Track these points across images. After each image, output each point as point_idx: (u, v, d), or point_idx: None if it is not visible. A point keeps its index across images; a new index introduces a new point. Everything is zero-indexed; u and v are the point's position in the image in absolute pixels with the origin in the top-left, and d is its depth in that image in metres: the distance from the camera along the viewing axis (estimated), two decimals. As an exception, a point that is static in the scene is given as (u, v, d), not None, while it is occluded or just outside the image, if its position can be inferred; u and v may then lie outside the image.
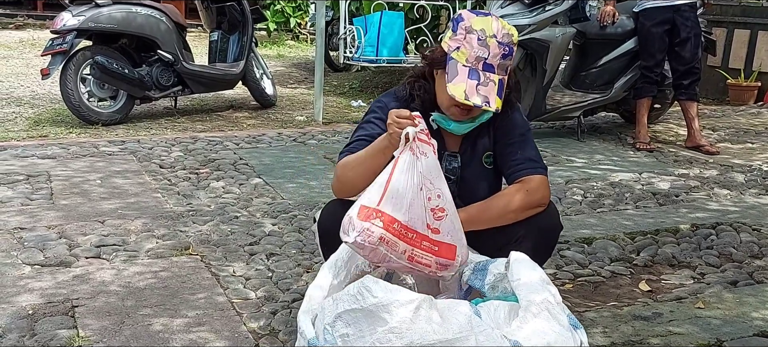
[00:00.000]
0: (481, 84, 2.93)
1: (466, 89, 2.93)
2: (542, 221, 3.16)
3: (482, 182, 3.29)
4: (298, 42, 16.66)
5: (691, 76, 7.38)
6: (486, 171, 3.29)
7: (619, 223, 5.03)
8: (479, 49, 2.95)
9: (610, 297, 3.89)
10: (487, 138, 3.28)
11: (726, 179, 6.27)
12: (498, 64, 2.97)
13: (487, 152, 3.29)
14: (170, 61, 8.08)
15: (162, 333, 3.31)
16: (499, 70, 2.98)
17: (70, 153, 6.49)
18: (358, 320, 2.50)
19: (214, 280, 3.91)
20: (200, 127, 8.05)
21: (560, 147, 7.32)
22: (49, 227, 4.63)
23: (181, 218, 4.87)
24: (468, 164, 3.27)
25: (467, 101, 2.92)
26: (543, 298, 2.64)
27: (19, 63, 12.29)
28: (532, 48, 7.17)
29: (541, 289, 2.67)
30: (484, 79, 2.94)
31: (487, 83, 2.94)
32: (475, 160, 3.28)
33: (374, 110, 3.25)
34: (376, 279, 2.56)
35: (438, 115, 3.16)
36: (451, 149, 3.27)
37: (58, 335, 3.25)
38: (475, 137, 3.27)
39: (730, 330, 3.47)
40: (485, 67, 2.95)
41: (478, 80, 2.94)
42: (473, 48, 2.95)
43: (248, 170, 6.14)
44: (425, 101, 3.17)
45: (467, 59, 2.96)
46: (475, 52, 2.95)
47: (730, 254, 4.54)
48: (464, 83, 2.93)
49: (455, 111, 3.07)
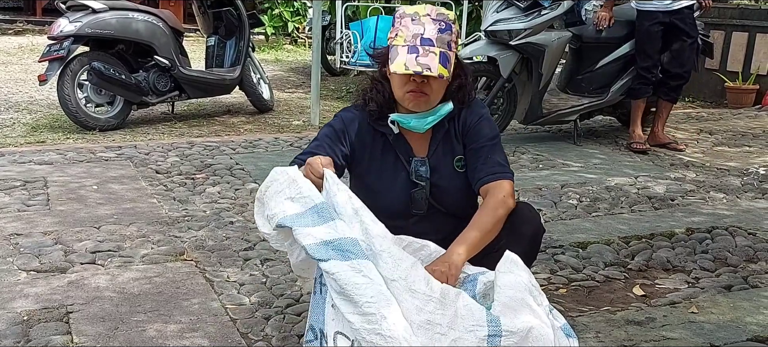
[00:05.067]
0: (421, 56, 2.97)
1: (405, 61, 2.96)
2: (526, 229, 3.14)
3: (456, 186, 3.26)
4: (296, 46, 16.66)
5: (680, 79, 7.42)
6: (459, 175, 3.25)
7: (614, 227, 5.04)
8: (414, 27, 3.02)
9: (604, 302, 3.89)
10: (456, 142, 3.25)
11: (722, 182, 6.27)
12: (436, 37, 3.01)
13: (458, 156, 3.26)
14: (167, 66, 8.09)
15: (156, 338, 3.31)
16: (439, 44, 3.01)
17: (67, 159, 6.50)
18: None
19: (208, 286, 3.92)
20: (197, 132, 8.06)
21: (556, 151, 7.33)
22: (46, 233, 4.64)
23: (176, 224, 4.88)
24: (438, 168, 3.24)
25: (407, 70, 2.95)
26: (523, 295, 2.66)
27: (18, 69, 12.29)
28: (528, 52, 7.17)
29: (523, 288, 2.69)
30: (424, 52, 2.98)
31: (427, 54, 2.97)
32: (445, 164, 3.24)
33: (334, 124, 3.26)
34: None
35: (397, 115, 3.16)
36: (419, 154, 3.24)
37: (53, 341, 3.26)
38: (442, 139, 3.24)
39: (723, 335, 3.48)
40: (423, 42, 3.00)
41: (417, 53, 2.98)
42: (408, 28, 3.03)
43: (244, 175, 6.15)
44: (380, 103, 3.18)
45: (405, 39, 3.01)
46: (411, 31, 3.02)
47: (725, 258, 4.55)
48: (404, 58, 2.97)
49: (409, 96, 3.06)
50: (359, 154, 3.24)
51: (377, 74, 3.24)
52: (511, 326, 2.55)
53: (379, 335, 2.48)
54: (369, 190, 3.21)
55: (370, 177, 3.26)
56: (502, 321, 2.56)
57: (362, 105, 3.23)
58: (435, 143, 3.24)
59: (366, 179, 3.27)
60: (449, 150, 3.25)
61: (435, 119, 3.15)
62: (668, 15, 7.21)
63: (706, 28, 8.13)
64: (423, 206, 3.25)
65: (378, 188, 3.23)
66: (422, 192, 3.22)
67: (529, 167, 6.64)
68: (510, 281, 2.69)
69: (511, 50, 7.14)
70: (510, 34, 7.08)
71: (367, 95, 3.22)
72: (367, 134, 3.23)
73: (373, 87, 3.21)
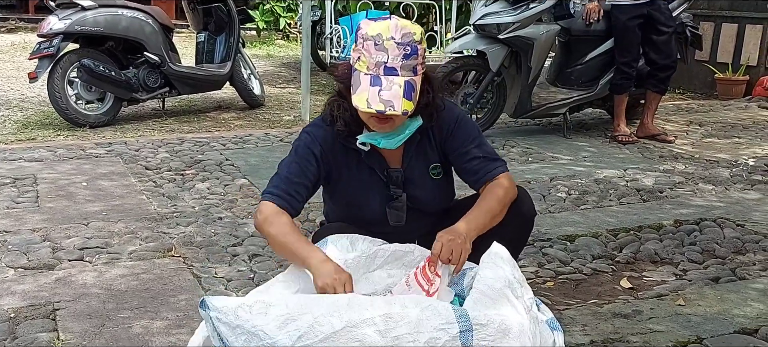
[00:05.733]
0: (384, 89, 2.84)
1: (368, 96, 2.84)
2: (525, 209, 3.24)
3: (434, 195, 3.26)
4: (288, 42, 16.63)
5: (668, 70, 7.43)
6: (435, 183, 3.24)
7: (602, 220, 5.04)
8: (377, 54, 2.86)
9: (591, 295, 3.90)
10: (430, 151, 3.22)
11: (711, 174, 6.28)
12: (400, 65, 2.86)
13: (433, 165, 3.23)
14: (157, 62, 8.08)
15: (142, 335, 3.32)
16: (404, 72, 2.87)
17: (57, 156, 6.49)
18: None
19: (195, 282, 3.92)
20: (187, 128, 8.05)
21: (546, 144, 7.33)
22: (34, 230, 4.63)
23: (164, 220, 4.88)
24: (413, 178, 3.20)
25: (369, 109, 2.84)
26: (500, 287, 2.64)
27: (10, 66, 12.26)
28: (517, 46, 7.18)
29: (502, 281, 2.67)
30: (387, 84, 2.85)
31: (391, 87, 2.85)
32: (420, 174, 3.21)
33: (304, 144, 3.13)
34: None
35: (365, 136, 3.08)
36: (394, 165, 3.19)
37: (39, 338, 3.26)
38: (415, 150, 3.19)
39: (710, 327, 3.48)
40: (387, 72, 2.86)
41: (380, 86, 2.85)
42: (371, 54, 2.87)
43: (234, 170, 6.15)
44: (348, 121, 3.06)
45: (368, 67, 2.87)
46: (373, 59, 2.87)
47: (713, 250, 4.55)
48: (366, 92, 2.85)
49: (373, 122, 2.98)
50: (334, 170, 3.17)
51: (342, 88, 3.08)
52: (481, 318, 2.51)
53: None
54: (349, 204, 3.21)
55: (348, 192, 3.21)
56: (471, 315, 2.52)
57: (331, 121, 3.12)
58: (409, 154, 3.19)
59: (345, 194, 3.22)
60: (423, 160, 3.22)
61: (404, 137, 3.08)
62: (643, 7, 7.22)
63: (695, 19, 8.14)
64: (402, 217, 3.23)
65: (357, 202, 3.20)
66: (400, 203, 3.20)
67: (518, 161, 6.65)
68: (490, 274, 2.68)
69: (500, 44, 7.14)
70: (499, 28, 7.08)
71: (334, 112, 3.10)
72: (339, 150, 3.14)
73: (339, 104, 3.09)
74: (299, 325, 2.45)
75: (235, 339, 2.50)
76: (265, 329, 2.46)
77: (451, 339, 2.47)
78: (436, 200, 3.27)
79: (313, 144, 3.11)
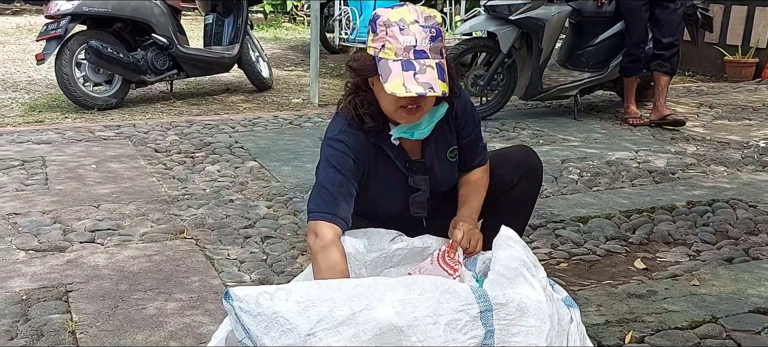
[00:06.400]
0: (419, 72, 2.75)
1: (404, 81, 2.74)
2: (534, 163, 3.34)
3: (450, 176, 3.24)
4: (295, 24, 16.61)
5: (672, 49, 7.31)
6: (451, 164, 3.22)
7: (615, 201, 5.02)
8: (404, 38, 2.78)
9: (605, 276, 3.88)
10: (448, 134, 3.19)
11: (722, 156, 6.25)
12: (429, 48, 2.79)
13: (452, 148, 3.20)
14: (165, 44, 8.06)
15: (156, 316, 3.30)
16: (433, 54, 2.80)
17: (65, 138, 6.48)
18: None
19: (208, 263, 3.90)
20: (196, 111, 8.03)
21: (556, 126, 7.30)
22: (44, 213, 4.62)
23: (175, 202, 4.86)
24: (434, 167, 3.17)
25: (409, 93, 2.73)
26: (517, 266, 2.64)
27: (16, 49, 12.26)
28: (528, 27, 7.13)
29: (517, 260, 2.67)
30: (421, 67, 2.76)
31: (425, 70, 2.76)
32: (440, 160, 3.18)
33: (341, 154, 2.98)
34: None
35: (398, 130, 3.00)
36: (414, 156, 3.14)
37: (52, 320, 3.25)
38: (435, 136, 3.14)
39: (725, 307, 3.46)
40: (417, 55, 2.77)
41: (414, 70, 2.76)
42: (398, 40, 2.78)
43: (244, 153, 6.13)
44: (374, 115, 2.97)
45: (396, 53, 2.77)
46: (401, 43, 2.77)
47: (726, 231, 4.53)
48: (400, 77, 2.74)
49: (402, 113, 2.89)
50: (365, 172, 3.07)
51: (358, 82, 2.98)
52: (500, 298, 2.50)
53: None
54: (368, 200, 3.12)
55: (368, 189, 3.11)
56: (490, 295, 2.51)
57: (356, 123, 3.00)
58: (430, 142, 3.14)
59: (365, 192, 3.10)
60: (443, 144, 3.19)
61: (433, 124, 3.03)
62: None
63: (705, 1, 8.08)
64: (424, 208, 3.21)
65: (377, 199, 3.14)
66: (422, 196, 3.18)
67: (529, 143, 6.61)
68: (505, 255, 2.67)
69: (510, 25, 7.10)
70: (509, 9, 7.04)
71: (358, 110, 2.98)
72: (369, 150, 3.05)
73: (362, 99, 2.97)
74: (319, 310, 2.42)
75: (256, 328, 2.47)
76: (286, 315, 2.44)
77: (472, 319, 2.46)
78: (450, 182, 3.27)
79: (349, 153, 2.97)
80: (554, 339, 2.57)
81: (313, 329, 2.40)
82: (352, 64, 2.98)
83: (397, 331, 2.41)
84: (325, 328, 2.40)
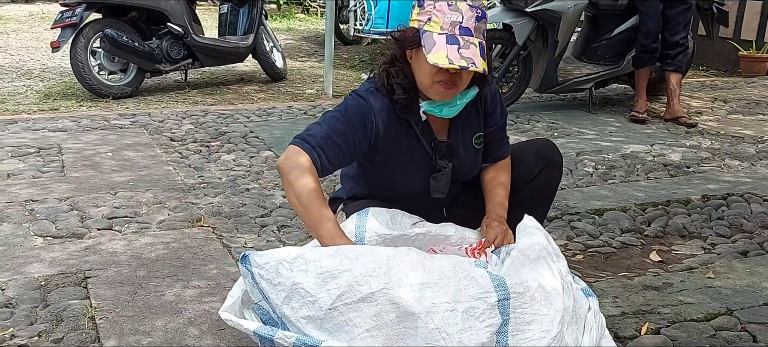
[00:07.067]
0: (463, 47, 2.80)
1: (447, 53, 2.78)
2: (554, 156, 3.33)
3: (474, 163, 3.27)
4: (308, 15, 16.61)
5: (678, 48, 7.27)
6: (476, 151, 3.25)
7: (630, 194, 5.02)
8: (452, 13, 2.83)
9: (621, 268, 3.89)
10: (475, 119, 3.21)
11: (737, 150, 6.25)
12: (474, 27, 2.85)
13: (477, 134, 3.23)
14: (180, 33, 8.07)
15: (174, 302, 3.32)
16: (477, 34, 2.85)
17: (81, 126, 6.51)
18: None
19: (225, 251, 3.92)
20: (210, 100, 8.05)
21: (571, 119, 7.30)
22: (61, 200, 4.65)
23: (192, 191, 4.88)
24: (458, 150, 3.19)
25: (452, 64, 2.76)
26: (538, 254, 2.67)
27: (29, 36, 12.30)
28: (544, 19, 7.12)
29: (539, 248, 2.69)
30: (465, 43, 2.81)
31: (469, 46, 2.81)
32: (465, 144, 3.20)
33: (358, 109, 3.02)
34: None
35: (427, 105, 3.02)
36: (440, 136, 3.16)
37: (71, 305, 3.26)
38: (463, 120, 3.17)
39: (740, 300, 3.47)
40: (462, 31, 2.83)
41: (458, 44, 2.80)
42: (445, 14, 2.84)
43: (259, 143, 6.15)
44: (406, 88, 2.99)
45: (442, 27, 2.83)
46: (448, 18, 2.83)
47: (740, 224, 4.53)
48: (444, 49, 2.79)
49: (439, 88, 2.91)
50: (383, 142, 3.07)
51: (396, 54, 3.02)
52: (517, 287, 2.52)
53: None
54: (388, 176, 3.15)
55: (390, 164, 3.13)
56: (508, 283, 2.53)
57: (387, 92, 3.03)
58: (457, 125, 3.17)
59: (386, 165, 3.14)
60: (470, 129, 3.21)
61: (463, 104, 3.05)
62: None
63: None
64: (445, 189, 3.22)
65: (399, 175, 3.15)
66: (444, 175, 3.19)
67: (544, 135, 6.62)
68: (527, 241, 2.72)
69: (526, 17, 7.08)
70: (526, 1, 7.03)
71: (392, 80, 3.01)
72: (393, 121, 3.06)
73: (397, 70, 3.01)
74: (339, 283, 2.49)
75: (275, 296, 2.55)
76: (306, 286, 2.50)
77: (489, 307, 2.48)
78: (474, 169, 3.28)
79: (368, 113, 3.00)
80: (568, 327, 2.59)
81: (334, 303, 2.48)
82: (395, 34, 3.02)
83: (415, 318, 2.45)
84: (346, 303, 2.48)
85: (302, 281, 2.51)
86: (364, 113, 3.00)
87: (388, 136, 3.06)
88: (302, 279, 2.51)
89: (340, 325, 2.48)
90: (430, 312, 2.45)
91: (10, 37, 12.28)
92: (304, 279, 2.51)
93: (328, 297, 2.47)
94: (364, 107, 3.01)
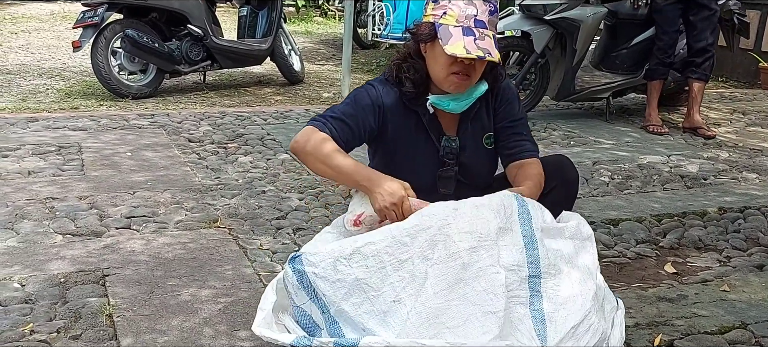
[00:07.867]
0: (479, 39, 2.91)
1: (464, 44, 2.89)
2: (571, 174, 3.30)
3: (483, 164, 3.30)
4: (326, 19, 16.66)
5: (705, 54, 7.22)
6: (487, 152, 3.29)
7: (646, 205, 5.02)
8: (467, 7, 2.94)
9: (636, 279, 3.89)
10: (486, 118, 3.25)
11: (755, 163, 6.23)
12: (488, 20, 2.96)
13: (488, 133, 3.27)
14: (200, 35, 8.12)
15: (190, 302, 3.35)
16: (490, 26, 2.97)
17: (100, 126, 6.55)
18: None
19: (241, 252, 3.95)
20: (228, 102, 8.09)
21: (588, 128, 7.30)
22: (81, 198, 4.68)
23: (209, 192, 4.91)
24: (467, 146, 3.23)
25: (470, 54, 2.87)
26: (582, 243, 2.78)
27: (50, 35, 12.38)
28: (563, 27, 7.12)
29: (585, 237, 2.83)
30: (480, 35, 2.92)
31: (484, 38, 2.92)
32: (475, 142, 3.25)
33: (367, 94, 3.15)
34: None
35: (435, 97, 3.10)
36: (449, 132, 3.22)
37: (89, 303, 3.30)
38: (473, 118, 3.22)
39: (754, 314, 3.46)
40: (477, 24, 2.93)
41: (474, 36, 2.91)
42: (461, 8, 2.94)
43: (276, 145, 6.18)
44: (416, 82, 3.10)
45: (457, 19, 2.93)
46: (464, 11, 2.93)
47: (757, 238, 4.52)
48: (461, 40, 2.89)
49: (453, 79, 3.01)
50: (390, 131, 3.17)
51: (411, 50, 3.14)
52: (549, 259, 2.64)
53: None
54: (396, 167, 3.17)
55: (397, 155, 3.22)
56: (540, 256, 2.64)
57: (397, 83, 3.15)
58: (466, 121, 3.22)
59: (394, 157, 3.22)
60: (479, 128, 3.25)
61: (471, 100, 3.12)
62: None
63: (742, 7, 8.02)
64: (451, 185, 3.26)
65: (406, 167, 3.19)
66: (451, 172, 3.23)
67: (560, 144, 6.63)
68: (575, 223, 2.86)
69: (545, 25, 7.09)
70: (545, 9, 7.04)
71: (402, 74, 3.12)
72: (401, 111, 3.16)
73: (409, 65, 3.12)
74: (402, 275, 2.58)
75: (334, 293, 2.62)
76: (369, 282, 2.56)
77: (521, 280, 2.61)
78: (484, 170, 3.32)
79: (377, 98, 3.13)
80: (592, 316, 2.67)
81: (399, 295, 2.58)
82: (411, 29, 3.11)
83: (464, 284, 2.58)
84: (411, 294, 2.57)
85: (364, 276, 2.60)
86: (372, 97, 3.14)
87: (396, 124, 3.16)
88: (364, 274, 2.58)
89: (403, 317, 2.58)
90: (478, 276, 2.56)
91: (32, 35, 12.37)
92: (366, 274, 2.59)
93: (392, 291, 2.57)
94: (372, 92, 3.15)
